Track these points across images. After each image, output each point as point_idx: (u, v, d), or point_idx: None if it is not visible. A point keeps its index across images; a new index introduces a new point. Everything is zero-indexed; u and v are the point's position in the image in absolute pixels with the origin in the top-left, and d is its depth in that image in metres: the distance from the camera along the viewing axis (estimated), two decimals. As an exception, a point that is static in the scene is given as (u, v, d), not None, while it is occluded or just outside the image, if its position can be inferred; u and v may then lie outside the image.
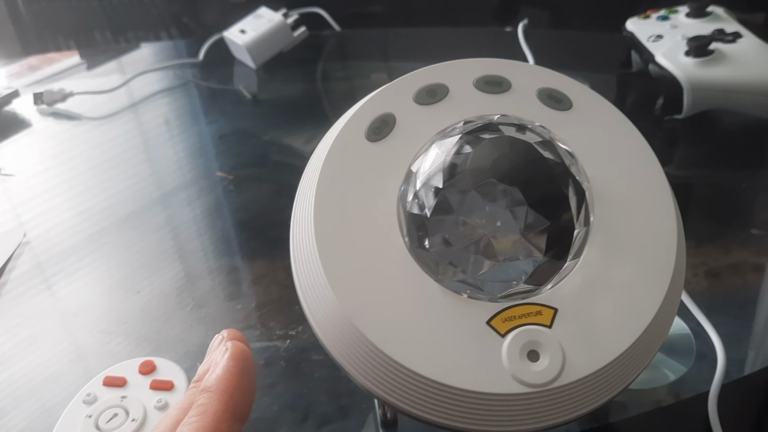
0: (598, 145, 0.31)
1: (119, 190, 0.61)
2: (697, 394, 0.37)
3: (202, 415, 0.23)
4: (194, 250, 0.53)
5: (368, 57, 0.89)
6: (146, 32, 1.04)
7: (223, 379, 0.24)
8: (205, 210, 0.57)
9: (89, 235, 0.55)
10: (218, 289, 0.48)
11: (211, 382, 0.24)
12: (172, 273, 0.50)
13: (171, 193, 0.60)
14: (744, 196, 0.56)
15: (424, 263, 0.28)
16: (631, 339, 0.27)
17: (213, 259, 0.52)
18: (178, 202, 0.58)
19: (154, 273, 0.50)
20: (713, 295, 0.45)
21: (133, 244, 0.54)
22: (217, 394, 0.24)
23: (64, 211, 0.59)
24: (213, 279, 0.49)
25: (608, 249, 0.29)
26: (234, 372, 0.25)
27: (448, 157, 0.27)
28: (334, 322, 0.28)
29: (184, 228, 0.55)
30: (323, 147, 0.32)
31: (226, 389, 0.24)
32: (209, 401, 0.24)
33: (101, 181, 0.63)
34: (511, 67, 0.33)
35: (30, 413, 0.40)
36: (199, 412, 0.23)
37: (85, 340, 0.45)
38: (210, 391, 0.24)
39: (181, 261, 0.52)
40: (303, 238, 0.30)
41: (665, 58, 0.62)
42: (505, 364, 0.26)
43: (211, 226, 0.56)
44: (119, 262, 0.52)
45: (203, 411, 0.23)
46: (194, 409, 0.24)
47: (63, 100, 0.74)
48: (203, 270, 0.51)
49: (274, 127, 0.70)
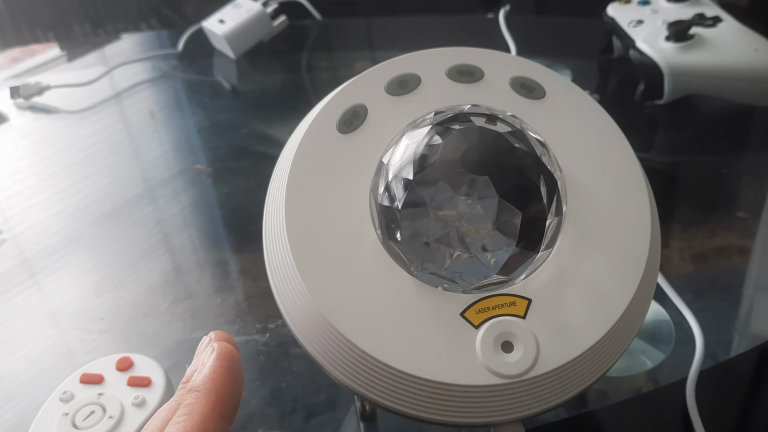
0: (571, 134, 0.31)
1: (100, 187, 0.60)
2: (676, 381, 0.37)
3: (190, 415, 0.23)
4: (174, 245, 0.53)
5: (351, 47, 0.88)
6: (126, 24, 1.03)
7: (210, 379, 0.25)
8: (186, 205, 0.57)
9: (69, 233, 0.54)
10: (197, 285, 0.48)
11: (198, 382, 0.25)
12: (150, 269, 0.50)
13: (153, 188, 0.59)
14: (726, 180, 0.57)
15: (397, 256, 0.28)
16: (605, 329, 0.27)
17: (192, 254, 0.51)
18: (158, 198, 0.58)
19: (133, 269, 0.50)
20: (699, 279, 0.45)
21: (114, 242, 0.53)
22: (204, 393, 0.24)
23: (44, 209, 0.58)
24: (192, 274, 0.49)
25: (582, 239, 0.29)
26: (220, 372, 0.25)
27: (419, 149, 0.27)
28: (308, 317, 0.28)
29: (164, 224, 0.55)
30: (294, 140, 0.32)
31: (213, 388, 0.24)
32: (197, 400, 0.24)
33: (82, 177, 0.62)
34: (484, 56, 0.33)
35: (8, 417, 0.39)
36: (186, 411, 0.24)
37: (63, 338, 0.44)
38: (197, 391, 0.24)
39: (161, 257, 0.52)
40: (275, 232, 0.29)
41: (645, 44, 0.61)
42: (479, 356, 0.26)
43: (190, 222, 0.55)
44: (100, 260, 0.51)
45: (191, 410, 0.24)
46: (182, 408, 0.24)
47: (40, 94, 0.73)
48: (182, 265, 0.50)
49: (255, 118, 0.70)
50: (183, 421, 0.23)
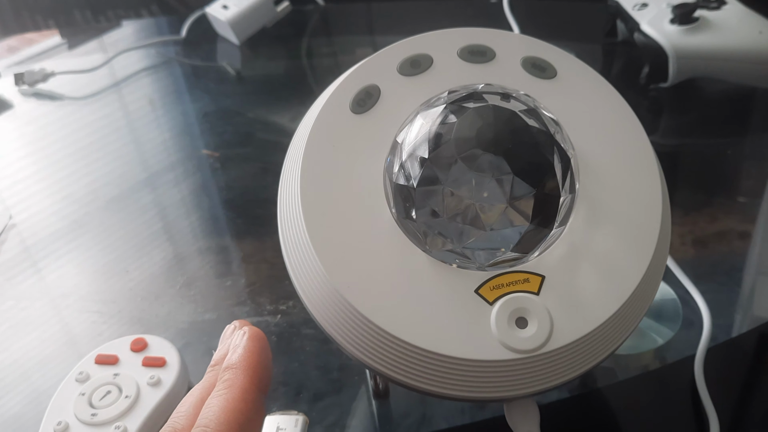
0: (583, 112, 0.31)
1: (105, 173, 0.60)
2: (684, 358, 0.37)
3: (230, 388, 0.25)
4: (182, 230, 0.53)
5: (353, 31, 0.88)
6: (127, 10, 1.03)
7: (245, 357, 0.27)
8: (192, 190, 0.57)
9: (76, 218, 0.54)
10: (207, 268, 0.48)
11: (235, 360, 0.26)
12: (160, 253, 0.50)
13: (159, 173, 0.60)
14: (729, 163, 0.57)
15: (412, 234, 0.28)
16: (617, 305, 0.28)
17: (201, 238, 0.52)
18: (165, 183, 0.58)
19: (142, 253, 0.50)
20: (700, 263, 0.46)
21: (121, 226, 0.53)
22: (241, 369, 0.26)
23: (50, 195, 0.58)
24: (202, 258, 0.49)
25: (594, 216, 0.29)
26: (254, 350, 0.27)
27: (433, 127, 0.27)
28: (324, 295, 0.28)
29: (172, 208, 0.55)
30: (308, 120, 0.32)
31: (250, 365, 0.26)
32: (235, 376, 0.26)
33: (88, 162, 0.62)
34: (495, 37, 0.33)
35: (23, 397, 0.40)
36: (227, 385, 0.25)
37: (75, 321, 0.45)
38: (234, 368, 0.26)
39: (169, 241, 0.52)
40: (290, 211, 0.30)
41: (650, 27, 0.61)
42: (494, 331, 0.27)
43: (198, 206, 0.55)
44: (107, 244, 0.52)
45: (231, 384, 0.25)
46: (221, 383, 0.26)
47: (44, 81, 0.73)
48: (192, 250, 0.50)
49: (259, 104, 0.70)
50: (225, 393, 0.25)
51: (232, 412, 0.24)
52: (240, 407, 0.24)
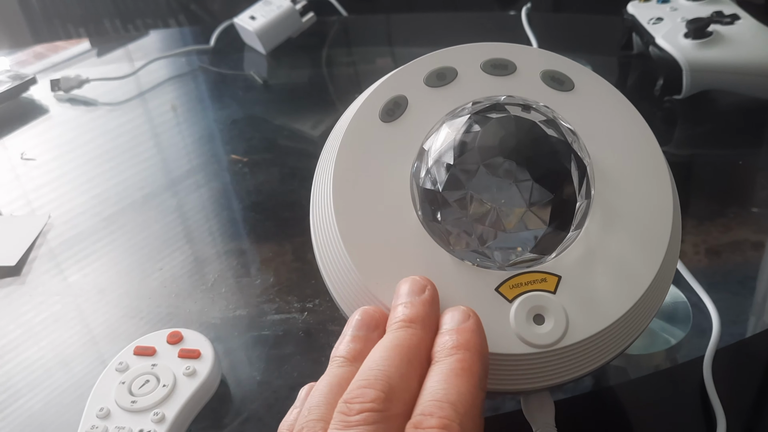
0: (598, 123, 0.33)
1: (133, 174, 0.63)
2: (693, 359, 0.39)
3: (467, 372, 0.21)
4: (212, 231, 0.55)
5: (373, 42, 0.90)
6: (155, 20, 1.06)
7: (478, 342, 0.23)
8: (222, 193, 0.60)
9: (107, 216, 0.57)
10: (237, 267, 0.50)
11: (467, 339, 0.22)
12: (189, 252, 0.53)
13: (189, 177, 0.62)
14: (742, 174, 0.58)
15: (437, 235, 0.30)
16: (629, 304, 0.29)
17: (231, 239, 0.54)
18: (199, 186, 0.60)
19: (172, 252, 0.52)
20: (714, 272, 0.46)
21: (150, 225, 0.56)
22: (478, 355, 0.22)
23: (81, 194, 0.61)
24: (231, 258, 0.51)
25: (608, 221, 0.31)
26: (483, 338, 0.24)
27: (458, 136, 0.29)
28: (355, 292, 0.30)
29: (202, 210, 0.58)
30: (340, 127, 0.34)
31: (483, 353, 0.22)
32: (472, 360, 0.22)
33: (117, 164, 0.65)
34: (516, 51, 0.35)
35: (61, 384, 0.42)
36: (462, 366, 0.21)
37: (111, 314, 0.47)
38: (469, 351, 0.22)
39: (197, 241, 0.54)
40: (323, 213, 0.32)
41: (665, 40, 0.63)
42: (513, 327, 0.28)
43: (227, 208, 0.58)
44: (137, 242, 0.54)
45: (467, 368, 0.21)
46: (456, 362, 0.21)
47: (79, 87, 0.76)
48: (221, 250, 0.53)
49: (283, 112, 0.72)
50: (460, 376, 0.21)
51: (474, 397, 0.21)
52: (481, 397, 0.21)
